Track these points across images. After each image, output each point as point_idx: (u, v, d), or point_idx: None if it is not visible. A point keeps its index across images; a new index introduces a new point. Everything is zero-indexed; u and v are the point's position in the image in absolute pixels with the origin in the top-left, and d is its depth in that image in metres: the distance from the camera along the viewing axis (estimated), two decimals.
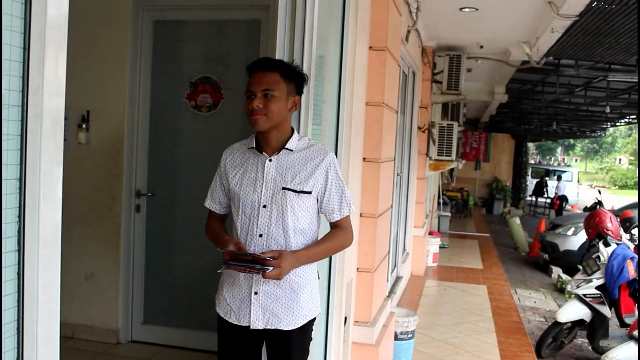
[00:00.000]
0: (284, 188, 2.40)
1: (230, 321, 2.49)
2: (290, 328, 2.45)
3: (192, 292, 4.66)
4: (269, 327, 2.44)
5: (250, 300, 2.42)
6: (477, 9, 6.53)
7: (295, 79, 2.46)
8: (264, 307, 2.42)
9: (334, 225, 2.55)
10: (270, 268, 2.22)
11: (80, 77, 4.60)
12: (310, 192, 2.43)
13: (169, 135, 4.71)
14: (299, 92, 2.50)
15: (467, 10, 6.60)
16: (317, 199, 2.48)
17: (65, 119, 4.70)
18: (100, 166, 4.72)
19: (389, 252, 5.56)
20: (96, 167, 4.73)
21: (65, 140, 4.78)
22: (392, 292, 6.61)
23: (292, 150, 2.45)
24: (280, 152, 2.44)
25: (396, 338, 4.89)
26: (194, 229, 4.54)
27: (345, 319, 3.83)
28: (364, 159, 4.22)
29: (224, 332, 2.55)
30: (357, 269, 4.21)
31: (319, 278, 2.62)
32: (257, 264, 2.24)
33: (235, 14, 4.55)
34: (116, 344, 4.73)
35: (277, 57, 2.77)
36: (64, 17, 1.26)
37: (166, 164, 4.73)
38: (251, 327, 2.43)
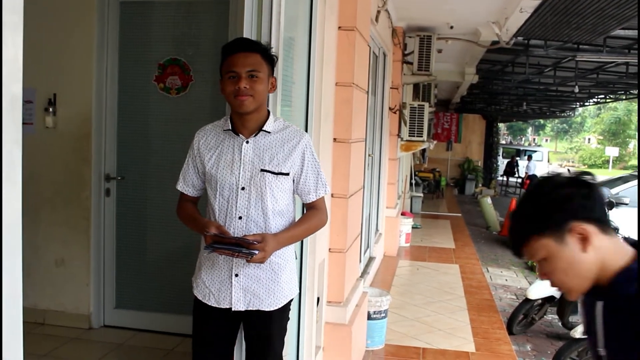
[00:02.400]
0: (262, 170, 2.40)
1: (209, 304, 2.48)
2: (271, 309, 2.47)
3: (164, 276, 4.63)
4: (251, 309, 2.45)
5: (231, 282, 2.43)
6: None
7: (271, 60, 2.48)
8: (245, 288, 2.43)
9: (310, 206, 2.57)
10: (256, 252, 2.22)
11: (46, 60, 4.51)
12: (287, 174, 2.44)
13: (137, 117, 4.65)
14: (273, 74, 2.52)
15: None
16: (294, 180, 2.49)
17: (31, 102, 4.57)
18: (68, 150, 4.65)
19: (361, 232, 5.59)
20: (64, 151, 4.65)
21: (31, 124, 4.65)
22: (365, 272, 6.66)
23: (269, 132, 2.44)
24: (258, 134, 2.43)
25: (369, 318, 4.93)
26: (165, 212, 4.50)
27: (318, 299, 3.85)
28: (335, 139, 4.21)
29: (201, 314, 2.55)
30: (329, 249, 4.22)
31: (296, 258, 2.64)
32: (241, 247, 2.24)
33: None
34: (89, 329, 4.70)
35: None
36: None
37: (135, 147, 4.67)
38: (233, 309, 2.44)
